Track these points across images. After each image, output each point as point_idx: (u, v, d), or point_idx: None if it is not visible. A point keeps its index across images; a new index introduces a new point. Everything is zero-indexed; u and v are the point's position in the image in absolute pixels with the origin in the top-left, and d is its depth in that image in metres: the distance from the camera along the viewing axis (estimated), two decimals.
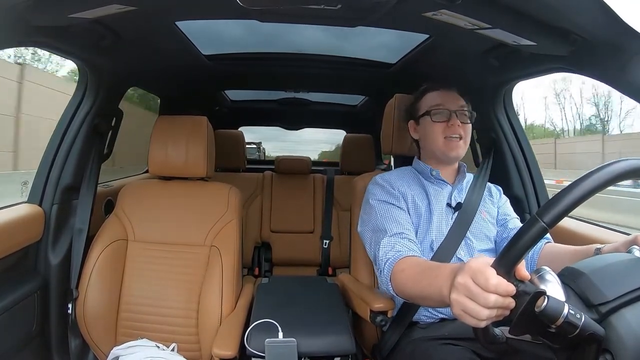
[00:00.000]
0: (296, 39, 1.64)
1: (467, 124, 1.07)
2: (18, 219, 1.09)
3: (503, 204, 1.13)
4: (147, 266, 1.21)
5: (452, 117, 1.05)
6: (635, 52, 0.76)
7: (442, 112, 1.06)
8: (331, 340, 0.99)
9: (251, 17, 1.05)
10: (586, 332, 0.48)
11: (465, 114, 1.07)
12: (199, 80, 1.95)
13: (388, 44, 1.60)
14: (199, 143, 1.25)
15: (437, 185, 1.10)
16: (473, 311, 0.54)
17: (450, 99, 1.08)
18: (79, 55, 1.14)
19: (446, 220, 1.04)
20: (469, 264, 0.57)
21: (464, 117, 1.07)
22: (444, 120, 1.06)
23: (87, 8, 0.86)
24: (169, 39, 1.28)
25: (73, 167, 1.24)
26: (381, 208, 1.03)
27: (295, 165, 2.37)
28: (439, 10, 0.85)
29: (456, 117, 1.05)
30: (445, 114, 1.06)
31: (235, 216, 1.26)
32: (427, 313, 1.00)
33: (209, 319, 1.13)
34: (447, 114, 1.06)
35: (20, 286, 1.07)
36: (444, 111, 1.06)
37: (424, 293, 0.75)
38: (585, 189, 0.50)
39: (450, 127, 1.05)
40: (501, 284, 0.52)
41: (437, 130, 1.06)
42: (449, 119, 1.05)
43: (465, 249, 1.02)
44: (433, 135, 1.08)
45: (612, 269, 0.56)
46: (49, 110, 4.33)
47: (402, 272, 0.86)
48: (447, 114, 1.06)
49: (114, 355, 1.07)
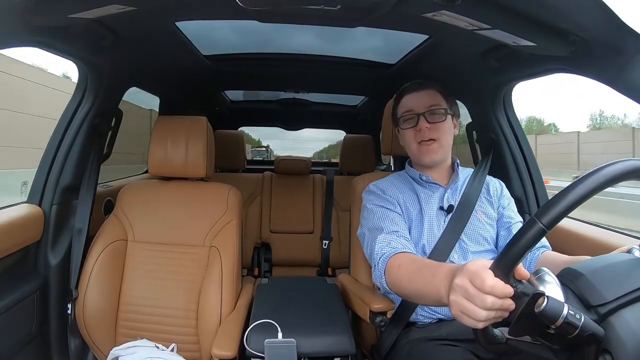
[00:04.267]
0: (296, 39, 1.64)
1: (439, 122, 1.04)
2: (18, 219, 1.09)
3: (507, 206, 1.10)
4: (146, 266, 1.21)
5: (420, 121, 1.03)
6: (635, 52, 0.75)
7: (410, 118, 1.06)
8: (331, 340, 0.99)
9: (251, 17, 1.05)
10: (586, 333, 0.48)
11: (436, 112, 1.04)
12: (198, 80, 1.95)
13: (388, 45, 1.60)
14: (198, 143, 1.25)
15: (428, 189, 1.09)
16: (471, 312, 0.54)
17: (420, 100, 1.06)
18: (79, 55, 1.14)
19: (438, 223, 1.03)
20: (467, 266, 0.57)
21: (435, 115, 1.04)
22: (412, 126, 1.05)
23: (87, 8, 0.86)
24: (169, 39, 1.28)
25: (73, 167, 1.24)
26: (378, 210, 1.03)
27: (295, 165, 2.37)
28: (438, 10, 0.85)
29: (424, 119, 1.03)
30: (413, 119, 1.05)
31: (234, 216, 1.25)
32: (425, 313, 1.00)
33: (209, 319, 1.13)
34: (415, 118, 1.04)
35: (19, 286, 1.07)
36: (412, 116, 1.05)
37: (420, 291, 0.75)
38: (585, 190, 0.50)
39: (419, 132, 1.04)
40: (497, 285, 0.52)
41: (409, 137, 1.06)
42: (416, 123, 1.04)
43: (459, 251, 1.01)
44: (407, 143, 1.08)
45: (611, 270, 0.56)
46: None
47: (398, 267, 0.86)
48: (415, 119, 1.04)
49: (113, 355, 1.07)
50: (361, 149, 2.31)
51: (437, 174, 1.10)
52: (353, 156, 2.32)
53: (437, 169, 1.10)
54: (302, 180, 2.36)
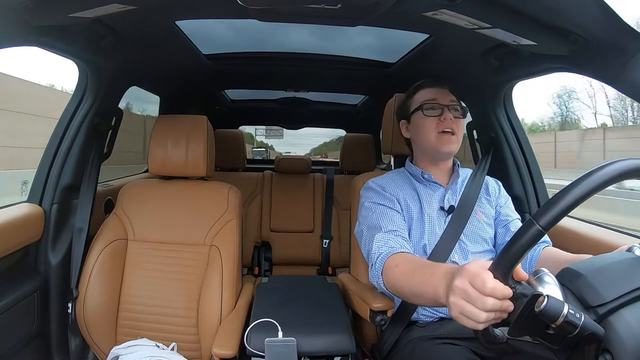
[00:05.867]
0: (296, 38, 1.64)
1: (460, 118, 1.06)
2: (18, 218, 1.09)
3: (504, 204, 1.11)
4: (147, 265, 1.21)
5: (444, 112, 1.04)
6: (635, 52, 0.75)
7: (434, 107, 1.06)
8: (331, 339, 0.99)
9: (251, 16, 1.04)
10: (586, 332, 0.48)
11: (457, 109, 1.06)
12: (198, 79, 1.94)
13: (388, 44, 1.60)
14: (198, 142, 1.25)
15: (429, 188, 1.09)
16: (471, 314, 0.54)
17: (442, 94, 1.07)
18: (79, 55, 1.14)
19: (439, 223, 1.04)
20: (467, 267, 0.57)
21: (456, 112, 1.06)
22: (436, 114, 1.05)
23: (87, 7, 0.86)
24: (169, 39, 1.28)
25: (73, 166, 1.24)
26: (376, 209, 1.03)
27: (295, 164, 2.37)
28: (439, 10, 0.85)
29: (449, 111, 1.05)
30: (437, 108, 1.05)
31: (235, 215, 1.26)
32: (426, 312, 1.00)
33: (209, 318, 1.13)
34: (440, 108, 1.05)
35: (20, 286, 1.07)
36: (436, 105, 1.06)
37: (417, 291, 0.75)
38: (583, 191, 0.50)
39: (443, 122, 1.04)
40: (498, 287, 0.52)
41: (430, 124, 1.05)
42: (441, 113, 1.05)
43: (459, 252, 1.01)
44: (425, 130, 1.06)
45: (611, 270, 0.55)
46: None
47: (395, 267, 0.86)
48: (439, 109, 1.05)
49: (113, 354, 1.07)
50: (361, 148, 2.31)
51: (438, 174, 1.10)
52: (353, 155, 2.32)
53: (439, 167, 1.10)
54: (302, 179, 2.36)
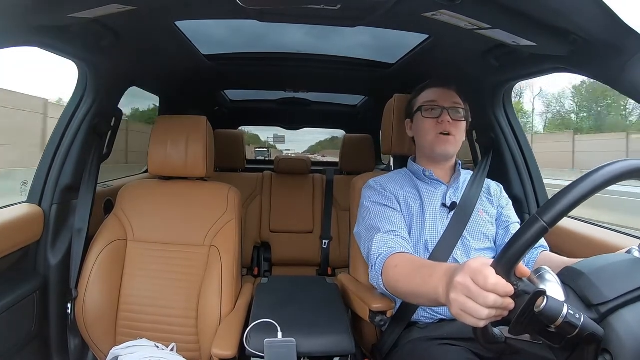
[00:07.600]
0: (296, 39, 1.64)
1: (460, 121, 1.06)
2: (17, 218, 1.09)
3: (505, 206, 1.12)
4: (146, 266, 1.21)
5: (442, 114, 1.05)
6: (635, 52, 0.75)
7: (433, 109, 1.06)
8: (330, 340, 0.99)
9: (251, 17, 1.05)
10: (585, 332, 0.48)
11: (459, 110, 1.06)
12: (198, 80, 1.94)
13: (388, 44, 1.60)
14: (198, 143, 1.25)
15: (430, 185, 1.09)
16: (472, 310, 0.54)
17: (446, 96, 1.08)
18: (78, 55, 1.14)
19: (441, 220, 1.04)
20: (469, 263, 0.57)
21: (457, 113, 1.06)
22: (434, 116, 1.06)
23: (86, 8, 0.86)
24: (169, 39, 1.28)
25: (72, 167, 1.24)
26: (375, 209, 1.03)
27: (295, 165, 2.37)
28: (438, 10, 0.85)
29: (447, 113, 1.05)
30: (436, 110, 1.06)
31: (234, 216, 1.25)
32: (426, 313, 1.00)
33: (209, 318, 1.13)
34: (439, 110, 1.06)
35: (19, 286, 1.07)
36: (435, 107, 1.06)
37: (417, 291, 0.75)
38: (586, 189, 0.50)
39: (441, 124, 1.05)
40: (500, 283, 0.52)
41: (428, 126, 1.06)
42: (439, 115, 1.05)
43: (462, 248, 1.01)
44: (424, 131, 1.08)
45: (612, 269, 0.56)
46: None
47: (394, 267, 0.86)
48: (438, 110, 1.06)
49: (113, 355, 1.07)
50: (361, 148, 2.31)
51: (440, 172, 1.10)
52: (353, 156, 2.32)
53: (440, 166, 1.10)
54: (302, 179, 2.36)
